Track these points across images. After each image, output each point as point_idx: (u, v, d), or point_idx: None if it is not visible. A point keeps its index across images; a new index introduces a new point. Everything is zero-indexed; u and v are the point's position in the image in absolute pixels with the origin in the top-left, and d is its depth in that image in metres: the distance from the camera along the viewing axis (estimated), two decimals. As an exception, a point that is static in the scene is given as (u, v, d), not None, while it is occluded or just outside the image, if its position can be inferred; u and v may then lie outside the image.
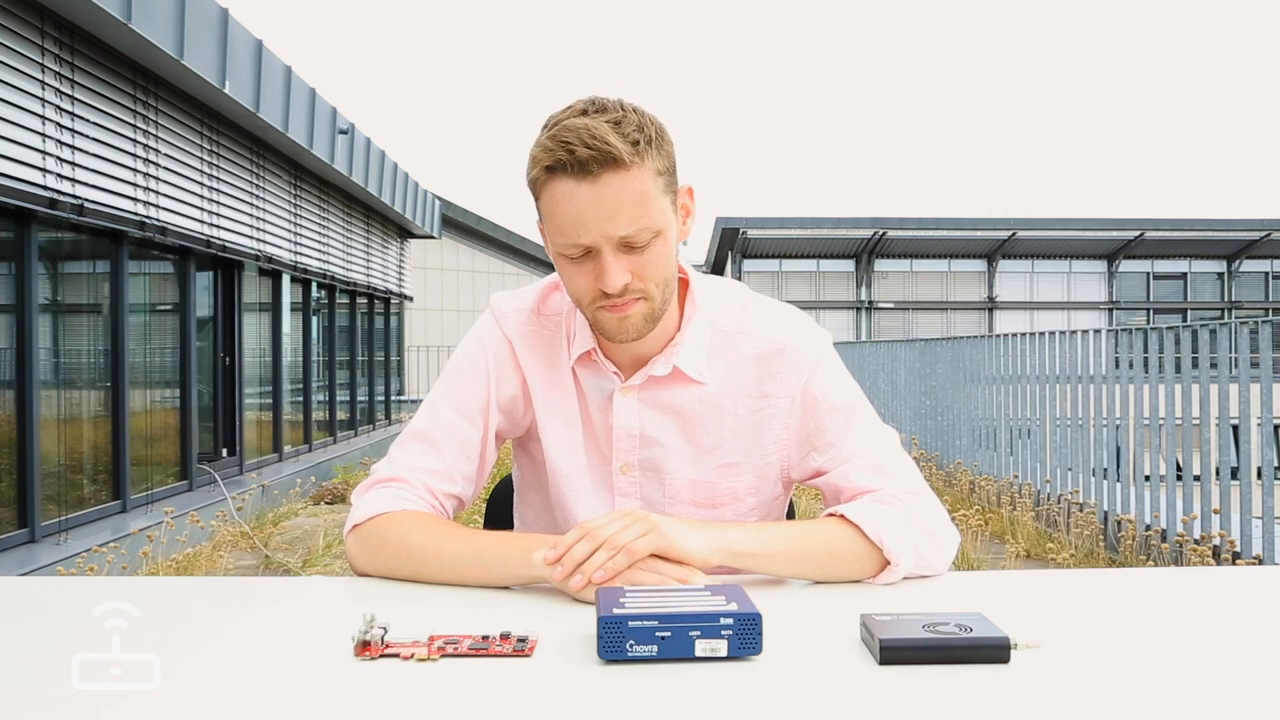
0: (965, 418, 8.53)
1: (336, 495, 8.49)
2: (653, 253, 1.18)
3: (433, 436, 1.31)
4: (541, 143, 1.15)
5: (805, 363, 1.30)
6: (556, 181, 1.14)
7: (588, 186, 1.12)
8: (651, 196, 1.15)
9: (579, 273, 1.19)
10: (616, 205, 1.13)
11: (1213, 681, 0.83)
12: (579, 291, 1.21)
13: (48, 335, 6.06)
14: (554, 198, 1.15)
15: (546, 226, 1.20)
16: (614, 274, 1.15)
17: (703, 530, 1.12)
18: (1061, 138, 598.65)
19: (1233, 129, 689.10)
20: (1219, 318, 23.30)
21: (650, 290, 1.20)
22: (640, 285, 1.18)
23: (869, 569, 1.16)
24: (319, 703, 0.79)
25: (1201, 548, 4.93)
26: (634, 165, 1.13)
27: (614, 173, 1.12)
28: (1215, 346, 5.08)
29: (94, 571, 4.80)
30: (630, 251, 1.16)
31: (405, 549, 1.18)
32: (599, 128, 1.12)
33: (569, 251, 1.17)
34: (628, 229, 1.14)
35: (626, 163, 1.12)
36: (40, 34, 5.64)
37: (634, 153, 1.13)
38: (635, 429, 1.31)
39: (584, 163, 1.11)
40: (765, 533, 1.16)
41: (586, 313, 1.23)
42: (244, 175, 8.67)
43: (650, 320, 1.22)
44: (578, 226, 1.14)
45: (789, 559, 1.14)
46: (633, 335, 1.22)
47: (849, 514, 1.18)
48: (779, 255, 27.86)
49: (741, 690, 0.81)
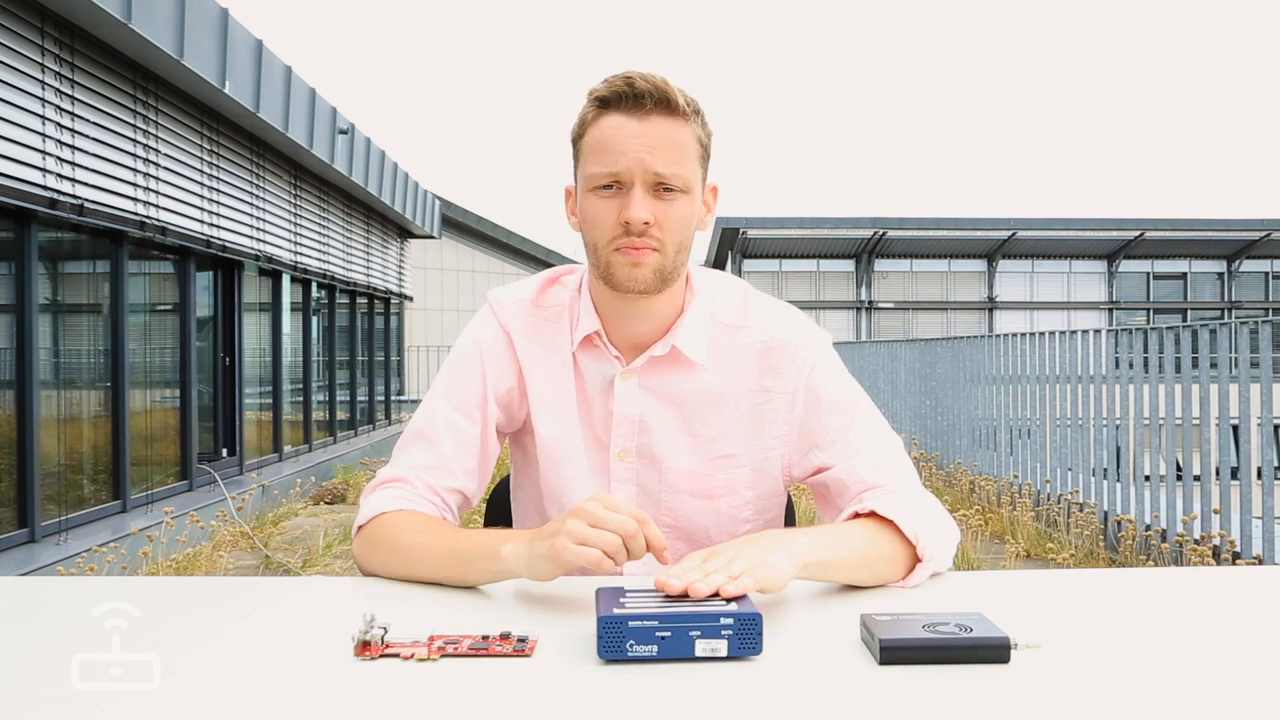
0: (965, 418, 8.53)
1: (336, 495, 8.49)
2: (677, 207, 1.22)
3: (431, 434, 1.31)
4: (600, 83, 1.22)
5: (806, 359, 1.31)
6: (607, 115, 1.21)
7: (637, 122, 1.19)
8: (690, 153, 1.22)
9: (605, 208, 1.22)
10: (659, 143, 1.19)
11: (1213, 681, 0.83)
12: (601, 228, 1.22)
13: (48, 335, 6.06)
14: (601, 130, 1.21)
15: (584, 163, 1.23)
16: (640, 206, 1.19)
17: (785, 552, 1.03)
18: (1061, 138, 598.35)
19: (1233, 129, 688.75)
20: (1219, 318, 23.29)
21: (666, 243, 1.22)
22: (659, 234, 1.21)
23: (902, 570, 1.14)
24: (319, 703, 0.79)
25: (1201, 548, 4.93)
26: (684, 119, 1.21)
27: (664, 116, 1.20)
28: (1215, 346, 5.08)
29: (94, 571, 4.80)
30: (658, 196, 1.21)
31: (397, 550, 1.18)
32: (661, 78, 1.20)
33: (601, 181, 1.21)
34: (663, 167, 1.19)
35: (679, 111, 1.20)
36: (40, 34, 5.64)
37: (687, 108, 1.21)
38: (635, 414, 1.31)
39: (640, 97, 1.19)
40: (824, 539, 1.10)
41: (601, 257, 1.24)
42: (244, 175, 8.67)
43: (660, 276, 1.23)
44: (617, 153, 1.19)
45: (850, 565, 1.10)
46: (642, 286, 1.23)
47: (881, 509, 1.15)
48: (779, 255, 27.86)
49: (741, 690, 0.80)
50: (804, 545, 1.06)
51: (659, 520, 1.33)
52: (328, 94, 10.54)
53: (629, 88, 1.19)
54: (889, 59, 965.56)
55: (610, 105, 1.20)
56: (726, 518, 1.34)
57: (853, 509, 1.20)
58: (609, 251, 1.23)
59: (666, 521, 1.34)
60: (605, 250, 1.23)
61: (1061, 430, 6.84)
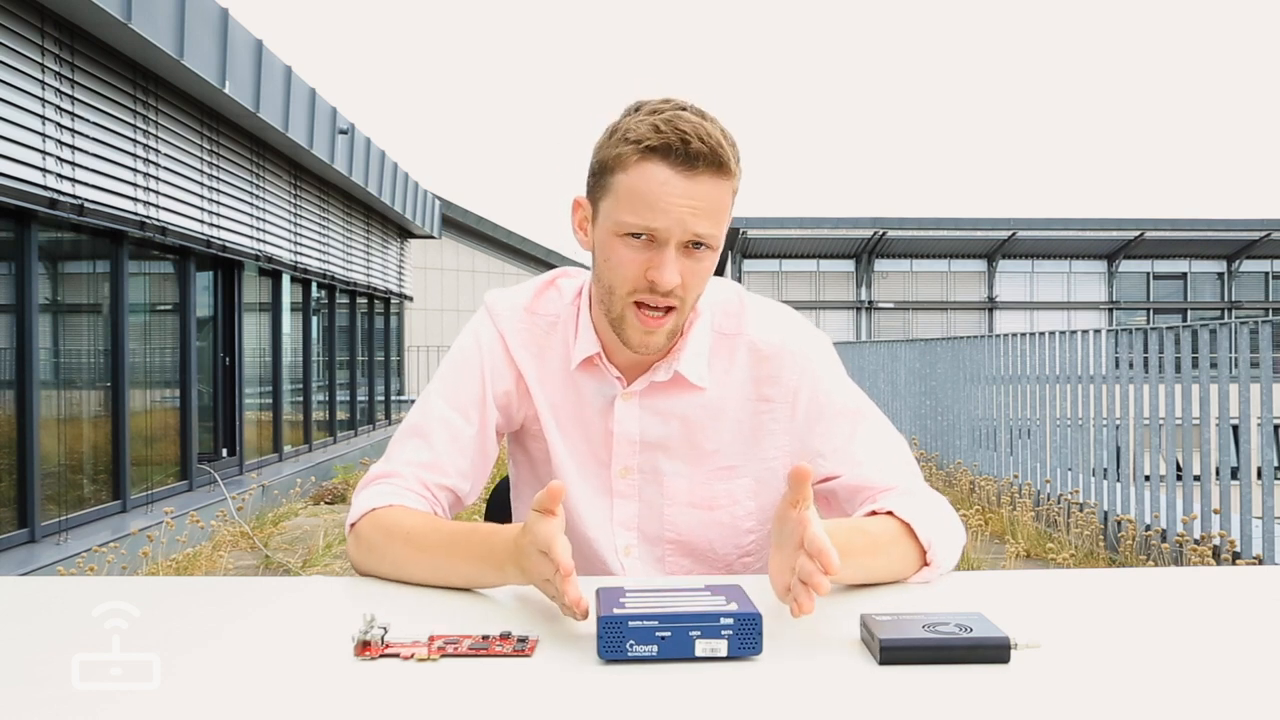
0: (965, 418, 8.53)
1: (336, 495, 8.49)
2: (703, 264, 1.19)
3: (425, 430, 1.30)
4: (646, 122, 1.15)
5: (804, 366, 1.29)
6: (652, 164, 1.14)
7: (684, 179, 1.13)
8: (727, 210, 1.18)
9: (632, 258, 1.17)
10: (703, 205, 1.14)
11: (1213, 681, 0.83)
12: (623, 277, 1.18)
13: (48, 335, 6.06)
14: (643, 178, 1.14)
15: (616, 204, 1.17)
16: (671, 270, 1.15)
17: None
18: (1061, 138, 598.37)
19: (1233, 129, 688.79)
20: (1219, 318, 23.29)
21: (685, 300, 1.20)
22: (682, 292, 1.18)
23: (909, 573, 1.14)
24: (319, 703, 0.79)
25: (1201, 548, 4.93)
26: (730, 177, 1.16)
27: (713, 176, 1.15)
28: (1215, 346, 5.08)
29: (94, 571, 4.80)
30: (688, 254, 1.17)
31: (389, 551, 1.17)
32: (714, 130, 1.15)
33: (633, 231, 1.15)
34: (703, 229, 1.15)
35: (729, 171, 1.15)
36: (40, 34, 5.64)
37: (734, 165, 1.16)
38: (636, 434, 1.30)
39: (693, 157, 1.13)
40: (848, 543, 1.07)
41: (616, 305, 1.20)
42: (244, 175, 8.67)
43: (671, 336, 1.22)
44: (659, 210, 1.13)
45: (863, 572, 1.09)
46: (653, 350, 1.22)
47: (899, 512, 1.15)
48: (779, 255, 27.85)
49: (741, 690, 0.80)
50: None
51: (662, 535, 1.32)
52: (328, 94, 10.55)
53: (683, 144, 1.12)
54: (889, 59, 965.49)
55: (657, 154, 1.13)
56: (729, 529, 1.33)
57: (869, 508, 1.19)
58: (627, 301, 1.19)
59: (670, 535, 1.33)
60: (623, 299, 1.19)
61: (1061, 430, 6.84)
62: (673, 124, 1.13)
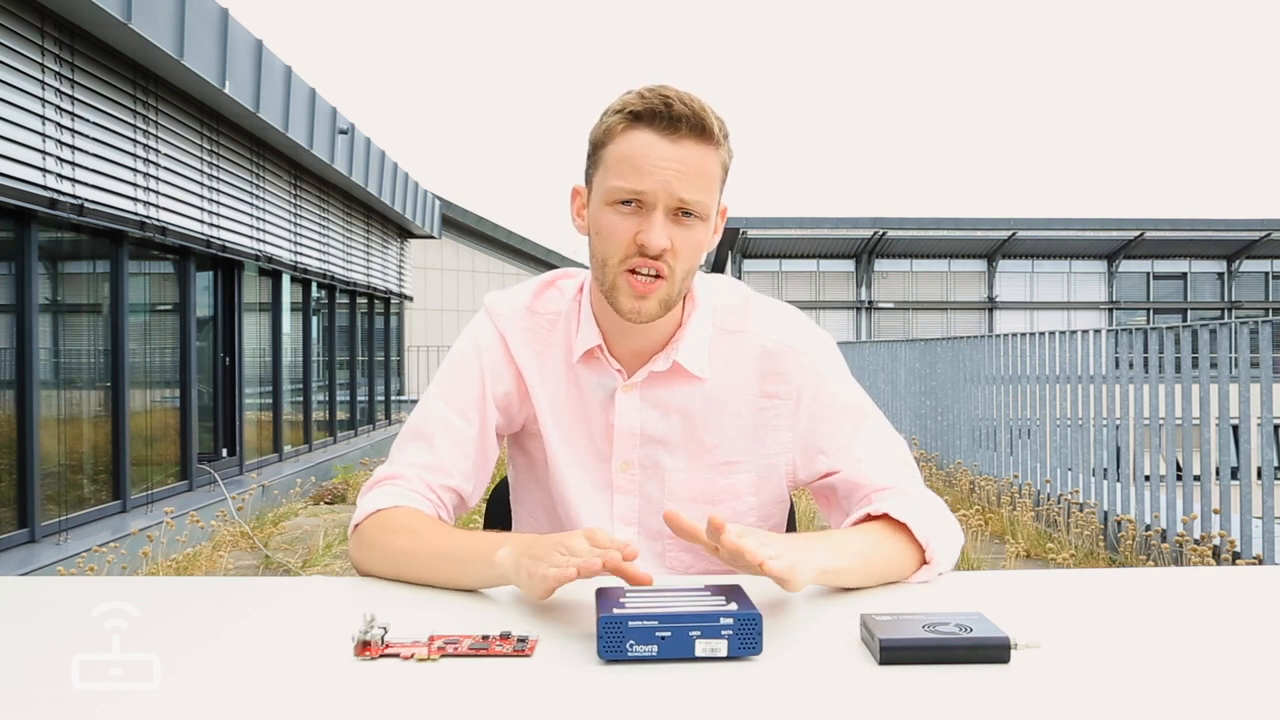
0: (965, 418, 8.53)
1: (336, 495, 8.49)
2: (693, 233, 1.20)
3: (427, 432, 1.30)
4: (633, 93, 1.19)
5: (809, 364, 1.30)
6: (638, 131, 1.17)
7: (668, 143, 1.16)
8: (715, 181, 1.20)
9: (622, 225, 1.19)
10: (688, 169, 1.17)
11: (1213, 681, 0.83)
12: (614, 244, 1.20)
13: (48, 335, 6.06)
14: (630, 144, 1.17)
15: (605, 173, 1.20)
16: (659, 231, 1.17)
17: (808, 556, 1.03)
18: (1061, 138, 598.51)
19: (1233, 129, 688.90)
20: (1219, 318, 23.30)
21: (676, 270, 1.20)
22: (672, 260, 1.19)
23: (908, 572, 1.15)
24: (319, 703, 0.79)
25: (1201, 548, 4.93)
26: (715, 145, 1.19)
27: (697, 141, 1.17)
28: (1215, 346, 5.08)
29: (94, 571, 4.80)
30: (677, 221, 1.18)
31: (390, 552, 1.17)
32: (698, 98, 1.18)
33: (621, 196, 1.18)
34: (689, 194, 1.17)
35: (713, 137, 1.18)
36: (40, 34, 5.64)
37: (719, 134, 1.19)
38: (636, 427, 1.31)
39: (676, 120, 1.16)
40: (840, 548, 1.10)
41: (609, 275, 1.22)
42: (244, 175, 8.67)
43: (664, 306, 1.22)
44: (644, 173, 1.16)
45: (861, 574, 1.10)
46: (645, 318, 1.22)
47: (895, 512, 1.16)
48: (779, 255, 27.85)
49: (741, 690, 0.80)
50: (822, 554, 1.06)
51: (663, 530, 1.32)
52: (328, 94, 10.55)
53: (665, 107, 1.15)
54: (889, 59, 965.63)
55: (642, 120, 1.17)
56: None
57: (865, 510, 1.20)
58: (619, 270, 1.20)
59: (670, 531, 1.33)
60: (615, 267, 1.21)
61: (1061, 430, 6.84)
62: (656, 92, 1.17)
